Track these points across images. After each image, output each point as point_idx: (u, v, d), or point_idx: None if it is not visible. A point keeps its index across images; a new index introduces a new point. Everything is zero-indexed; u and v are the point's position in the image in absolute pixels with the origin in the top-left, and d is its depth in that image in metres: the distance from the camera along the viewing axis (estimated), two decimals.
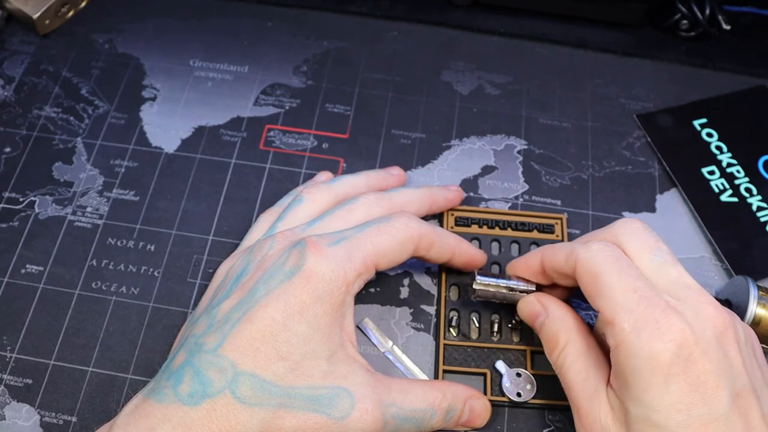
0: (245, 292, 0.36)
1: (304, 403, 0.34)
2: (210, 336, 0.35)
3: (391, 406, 0.35)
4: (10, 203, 0.46)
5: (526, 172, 0.49)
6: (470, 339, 0.42)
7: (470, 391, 0.38)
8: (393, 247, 0.38)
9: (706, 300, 0.33)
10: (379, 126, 0.50)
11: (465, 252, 0.41)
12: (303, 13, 0.56)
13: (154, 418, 0.32)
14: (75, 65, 0.53)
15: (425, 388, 0.37)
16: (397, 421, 0.35)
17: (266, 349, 0.34)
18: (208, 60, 0.53)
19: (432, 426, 0.37)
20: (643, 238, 0.35)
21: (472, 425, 0.38)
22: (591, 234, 0.38)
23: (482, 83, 0.53)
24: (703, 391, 0.31)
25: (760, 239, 0.46)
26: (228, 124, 0.50)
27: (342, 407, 0.34)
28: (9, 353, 0.41)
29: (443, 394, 0.37)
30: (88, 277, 0.43)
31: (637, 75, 0.54)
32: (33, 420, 0.39)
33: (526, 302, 0.39)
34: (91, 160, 0.48)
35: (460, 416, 0.37)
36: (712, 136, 0.50)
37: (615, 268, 0.34)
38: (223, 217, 0.46)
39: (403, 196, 0.43)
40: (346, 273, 0.36)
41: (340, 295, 0.36)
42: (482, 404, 0.38)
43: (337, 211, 0.41)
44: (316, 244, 0.36)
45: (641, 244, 0.35)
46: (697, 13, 0.54)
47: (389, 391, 0.35)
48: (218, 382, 0.33)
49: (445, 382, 0.38)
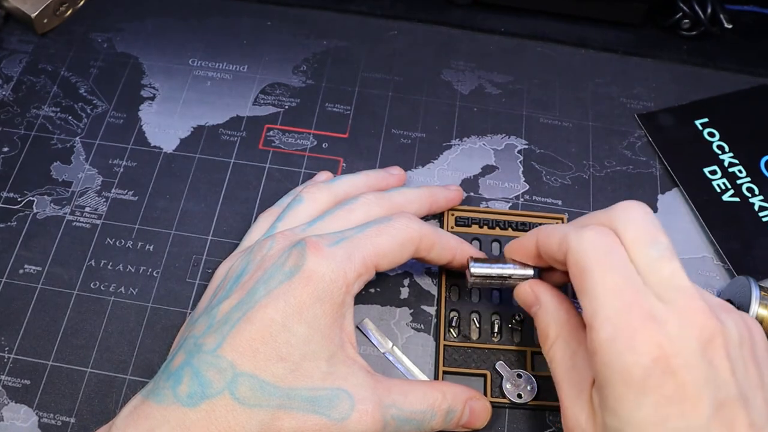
0: (245, 293, 0.36)
1: (304, 404, 0.33)
2: (209, 336, 0.34)
3: (391, 407, 0.35)
4: (8, 203, 0.46)
5: (527, 171, 0.48)
6: (470, 340, 0.42)
7: (470, 392, 0.38)
8: (393, 248, 0.38)
9: (695, 305, 0.31)
10: (379, 126, 0.50)
11: (466, 254, 0.41)
12: (303, 12, 0.56)
13: (153, 419, 0.32)
14: (73, 64, 0.52)
15: (425, 389, 0.37)
16: (397, 423, 0.35)
17: (266, 350, 0.33)
18: (207, 59, 0.53)
19: (432, 427, 0.36)
20: (643, 227, 0.33)
21: (472, 426, 0.38)
22: (590, 216, 0.36)
23: (482, 83, 0.53)
24: (681, 404, 0.29)
25: (761, 239, 0.45)
26: (227, 123, 0.50)
27: (341, 409, 0.34)
28: (7, 354, 0.40)
29: (443, 395, 0.37)
30: (86, 277, 0.43)
31: (639, 74, 0.53)
32: (31, 421, 0.39)
33: (521, 290, 0.38)
34: (90, 159, 0.48)
35: (461, 417, 0.37)
36: (714, 135, 0.50)
37: (603, 265, 0.32)
38: (223, 217, 0.46)
39: (403, 196, 0.43)
40: (346, 273, 0.36)
41: (340, 296, 0.35)
42: (482, 405, 0.38)
43: (336, 211, 0.40)
44: (317, 245, 0.36)
45: (639, 234, 0.33)
46: (699, 12, 0.54)
47: (389, 393, 0.35)
48: (217, 383, 0.33)
49: (445, 383, 0.38)
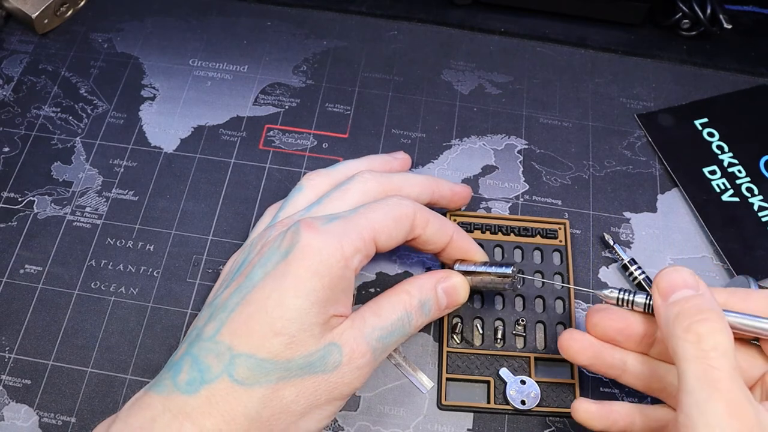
0: (243, 278, 0.36)
1: (301, 371, 0.34)
2: (209, 325, 0.35)
3: (372, 332, 0.35)
4: (8, 203, 0.46)
5: (527, 171, 0.48)
6: (473, 346, 0.41)
7: (435, 276, 0.38)
8: (388, 223, 0.37)
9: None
10: (379, 125, 0.50)
11: (463, 238, 0.40)
12: (302, 12, 0.56)
13: (154, 408, 0.33)
14: (74, 64, 0.52)
15: (391, 297, 0.37)
16: (382, 343, 0.36)
17: (261, 328, 0.33)
18: (207, 59, 0.53)
19: (415, 326, 0.37)
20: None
21: (456, 303, 0.38)
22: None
23: (482, 82, 0.53)
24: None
25: (761, 239, 0.45)
26: (227, 123, 0.50)
27: (333, 359, 0.34)
28: (8, 354, 0.41)
29: (409, 293, 0.37)
30: (86, 277, 0.43)
31: (638, 74, 0.53)
32: (32, 421, 0.39)
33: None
34: (90, 159, 0.48)
35: (438, 303, 0.37)
36: (714, 135, 0.50)
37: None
38: (223, 216, 0.46)
39: (403, 177, 0.41)
40: (343, 247, 0.35)
41: (338, 270, 0.35)
42: (453, 282, 0.38)
43: (333, 193, 0.40)
44: (311, 223, 0.35)
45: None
46: (699, 13, 0.54)
47: (365, 321, 0.35)
48: (216, 368, 0.33)
49: (408, 280, 0.38)
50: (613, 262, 0.45)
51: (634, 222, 0.47)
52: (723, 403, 0.29)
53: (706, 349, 0.30)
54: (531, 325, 0.42)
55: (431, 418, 0.40)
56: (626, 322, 0.36)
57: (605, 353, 0.37)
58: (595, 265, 0.45)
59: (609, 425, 0.36)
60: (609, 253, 0.45)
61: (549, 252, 0.45)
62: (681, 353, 0.31)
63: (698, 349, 0.30)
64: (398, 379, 0.41)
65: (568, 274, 0.44)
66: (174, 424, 0.32)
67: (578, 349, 0.37)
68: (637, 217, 0.47)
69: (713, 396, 0.29)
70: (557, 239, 0.45)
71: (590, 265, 0.45)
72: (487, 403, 0.40)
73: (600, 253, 0.45)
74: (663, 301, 0.33)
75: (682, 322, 0.31)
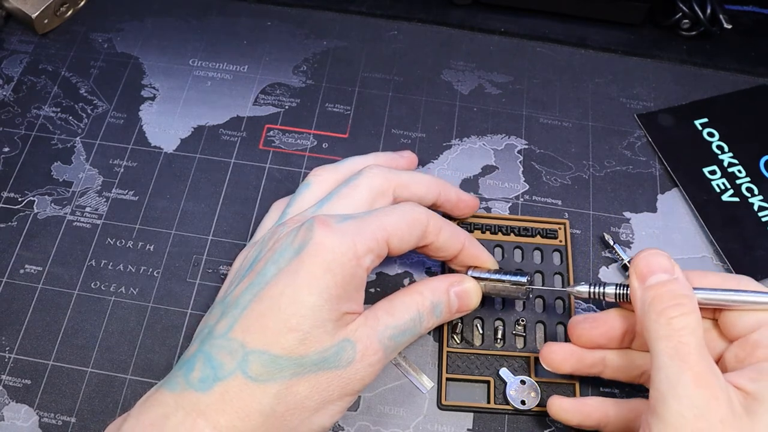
0: (255, 275, 0.36)
1: (315, 366, 0.34)
2: (221, 322, 0.35)
3: (385, 331, 0.35)
4: (8, 203, 0.46)
5: (527, 171, 0.48)
6: (473, 346, 0.41)
7: (449, 279, 0.38)
8: (401, 226, 0.37)
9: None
10: (379, 125, 0.50)
11: (475, 245, 0.40)
12: (302, 12, 0.56)
13: (167, 406, 0.32)
14: (74, 64, 0.52)
15: (404, 297, 0.37)
16: (394, 342, 0.36)
17: (275, 324, 0.33)
18: (207, 59, 0.53)
19: (426, 327, 0.37)
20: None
21: (467, 308, 0.38)
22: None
23: (482, 83, 0.53)
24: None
25: (761, 239, 0.45)
26: (227, 123, 0.50)
27: (347, 356, 0.34)
28: (8, 354, 0.41)
29: (422, 294, 0.37)
30: (87, 277, 0.43)
31: (638, 74, 0.53)
32: (32, 421, 0.39)
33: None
34: (90, 159, 0.48)
35: (450, 306, 0.38)
36: (714, 135, 0.50)
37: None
38: (223, 216, 0.46)
39: (410, 175, 0.41)
40: (356, 245, 0.35)
41: (351, 268, 0.35)
42: (466, 287, 0.38)
43: (342, 189, 0.40)
44: (325, 220, 0.35)
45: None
46: (699, 13, 0.54)
47: (378, 319, 0.36)
48: (229, 364, 0.33)
49: (422, 282, 0.38)
50: (613, 262, 0.45)
51: (634, 222, 0.47)
52: (691, 374, 0.31)
53: (676, 328, 0.32)
54: (531, 325, 0.42)
55: (431, 418, 0.40)
56: (607, 324, 0.38)
57: (585, 356, 0.38)
58: (595, 265, 0.45)
59: (583, 419, 0.38)
60: (609, 253, 0.45)
61: (549, 252, 0.45)
62: (654, 333, 0.33)
63: (669, 329, 0.32)
64: (398, 379, 0.41)
65: (568, 274, 0.44)
66: (187, 421, 0.32)
67: (561, 361, 0.39)
68: (637, 217, 0.47)
69: (682, 368, 0.31)
70: (557, 239, 0.45)
71: (590, 265, 0.45)
72: (487, 403, 0.40)
73: (600, 253, 0.45)
74: (640, 284, 0.35)
75: (656, 306, 0.33)
